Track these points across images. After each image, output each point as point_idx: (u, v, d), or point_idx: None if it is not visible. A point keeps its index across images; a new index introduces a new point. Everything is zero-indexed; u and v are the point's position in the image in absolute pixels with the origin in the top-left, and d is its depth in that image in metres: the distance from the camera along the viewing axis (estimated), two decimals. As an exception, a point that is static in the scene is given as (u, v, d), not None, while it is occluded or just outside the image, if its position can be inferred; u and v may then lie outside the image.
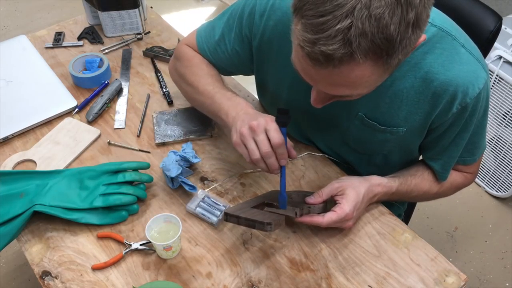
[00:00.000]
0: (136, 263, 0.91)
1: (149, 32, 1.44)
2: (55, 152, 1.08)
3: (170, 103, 1.22)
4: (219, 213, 0.96)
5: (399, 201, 1.19)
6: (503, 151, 1.91)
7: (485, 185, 2.09)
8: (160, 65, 1.33)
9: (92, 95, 1.23)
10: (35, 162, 1.07)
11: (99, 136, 1.14)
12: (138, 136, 1.14)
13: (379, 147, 0.99)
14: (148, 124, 1.17)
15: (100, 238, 0.94)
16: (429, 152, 0.99)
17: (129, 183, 0.99)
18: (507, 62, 1.75)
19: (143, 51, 1.36)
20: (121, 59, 1.35)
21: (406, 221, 1.35)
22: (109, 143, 1.12)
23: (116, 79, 1.26)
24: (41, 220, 0.96)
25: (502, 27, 1.19)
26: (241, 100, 0.95)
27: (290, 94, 1.00)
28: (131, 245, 0.92)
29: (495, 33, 1.02)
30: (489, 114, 1.88)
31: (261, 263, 0.91)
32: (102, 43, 1.41)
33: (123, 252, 0.91)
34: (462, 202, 2.06)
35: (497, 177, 2.01)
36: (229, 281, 0.88)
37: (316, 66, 0.66)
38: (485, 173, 2.06)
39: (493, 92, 1.82)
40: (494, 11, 1.03)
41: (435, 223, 2.00)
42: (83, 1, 1.42)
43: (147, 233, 0.89)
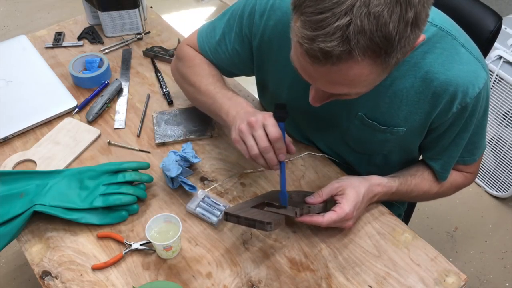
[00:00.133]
0: (136, 263, 0.91)
1: (149, 32, 1.44)
2: (55, 152, 1.08)
3: (170, 103, 1.22)
4: (219, 213, 0.96)
5: (399, 201, 1.19)
6: (503, 151, 1.91)
7: (485, 185, 2.09)
8: (160, 65, 1.33)
9: (92, 95, 1.23)
10: (35, 162, 1.07)
11: (99, 136, 1.14)
12: (138, 136, 1.14)
13: (379, 147, 0.99)
14: (148, 124, 1.17)
15: (100, 238, 0.94)
16: (429, 152, 0.99)
17: (129, 183, 0.99)
18: (507, 62, 1.75)
19: (143, 51, 1.36)
20: (121, 59, 1.35)
21: (406, 221, 1.35)
22: (109, 143, 1.12)
23: (116, 79, 1.26)
24: (41, 220, 0.96)
25: (502, 27, 1.19)
26: (242, 100, 0.96)
27: (290, 93, 1.01)
28: (131, 245, 0.92)
29: (495, 33, 1.02)
30: (489, 114, 1.88)
31: (261, 263, 0.91)
32: (102, 43, 1.41)
33: (123, 252, 0.91)
34: (462, 202, 2.06)
35: (497, 177, 2.01)
36: (229, 281, 0.88)
37: (314, 64, 0.66)
38: (485, 173, 2.06)
39: (493, 92, 1.82)
40: (494, 11, 1.03)
41: (435, 223, 2.00)
42: (83, 1, 1.42)
43: (147, 233, 0.89)
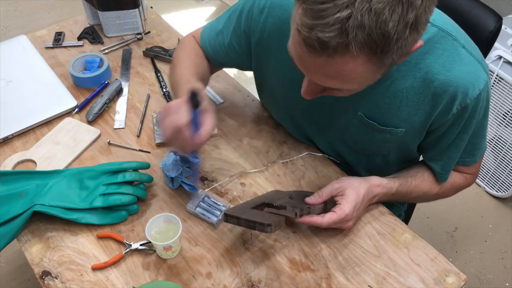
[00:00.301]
0: (136, 263, 0.91)
1: (149, 32, 1.45)
2: (55, 152, 1.08)
3: (170, 103, 1.22)
4: (219, 213, 0.96)
5: (399, 201, 1.19)
6: (503, 151, 1.91)
7: (485, 185, 2.09)
8: (160, 65, 1.33)
9: (92, 95, 1.23)
10: (35, 162, 1.07)
11: (99, 136, 1.14)
12: (138, 136, 1.14)
13: (378, 147, 0.99)
14: (148, 124, 1.17)
15: (100, 238, 0.94)
16: (429, 153, 0.99)
17: (129, 183, 0.99)
18: (507, 62, 1.75)
19: (143, 51, 1.36)
20: (121, 59, 1.36)
21: (406, 221, 1.35)
22: (109, 143, 1.12)
23: (116, 79, 1.26)
24: (41, 220, 0.96)
25: (502, 27, 1.19)
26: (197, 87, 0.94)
27: (289, 91, 1.01)
28: (131, 245, 0.92)
29: (495, 33, 1.02)
30: (489, 114, 1.89)
31: (261, 263, 0.91)
32: (102, 43, 1.41)
33: (123, 252, 0.91)
34: (462, 202, 2.06)
35: (497, 177, 2.01)
36: (229, 281, 0.88)
37: (310, 53, 0.66)
38: (485, 173, 2.06)
39: (493, 92, 1.82)
40: (494, 11, 1.03)
41: (435, 223, 2.00)
42: (83, 1, 1.42)
43: (147, 233, 0.89)
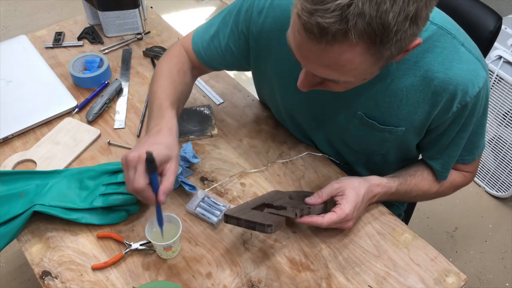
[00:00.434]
0: (136, 263, 0.91)
1: (149, 32, 1.45)
2: (55, 152, 1.08)
3: (170, 103, 1.22)
4: (219, 213, 0.96)
5: (399, 201, 1.19)
6: (503, 151, 1.91)
7: (485, 185, 2.09)
8: (160, 65, 1.33)
9: (92, 95, 1.23)
10: (35, 162, 1.07)
11: (99, 136, 1.14)
12: (138, 136, 1.14)
13: (377, 146, 0.99)
14: (148, 124, 1.17)
15: (100, 238, 0.94)
16: (428, 152, 0.99)
17: (129, 183, 0.99)
18: (507, 62, 1.75)
19: (143, 51, 1.36)
20: (121, 59, 1.36)
21: (406, 221, 1.35)
22: (109, 143, 1.12)
23: (116, 79, 1.26)
24: (41, 220, 0.96)
25: (502, 27, 1.19)
26: (164, 122, 0.91)
27: (288, 91, 1.00)
28: (131, 245, 0.92)
29: (495, 33, 1.02)
30: (489, 114, 1.89)
31: (261, 263, 0.91)
32: (102, 43, 1.41)
33: (123, 252, 0.91)
34: (462, 202, 2.06)
35: (497, 177, 2.01)
36: (229, 281, 0.88)
37: (309, 40, 0.66)
38: (485, 173, 2.06)
39: (493, 92, 1.82)
40: (494, 11, 1.03)
41: (435, 223, 2.00)
42: (83, 1, 1.42)
43: (147, 233, 0.89)
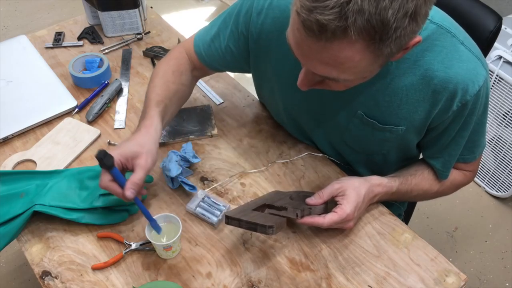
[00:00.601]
0: (136, 263, 0.91)
1: (149, 32, 1.44)
2: (55, 152, 1.08)
3: (170, 103, 1.21)
4: (219, 213, 0.96)
5: (400, 201, 1.19)
6: (503, 151, 1.91)
7: (485, 185, 2.09)
8: (160, 65, 1.33)
9: (92, 95, 1.23)
10: (35, 162, 1.07)
11: (99, 136, 1.14)
12: (138, 136, 1.14)
13: (378, 146, 0.99)
14: (148, 124, 1.17)
15: (100, 238, 0.94)
16: (429, 151, 0.99)
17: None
18: (507, 62, 1.75)
19: (143, 51, 1.36)
20: (121, 59, 1.36)
21: (406, 221, 1.35)
22: (109, 143, 1.12)
23: (116, 79, 1.26)
24: (41, 220, 0.96)
25: (502, 27, 1.19)
26: (144, 121, 0.94)
27: (288, 91, 1.01)
28: (131, 245, 0.92)
29: (495, 33, 1.02)
30: (489, 114, 1.89)
31: (261, 263, 0.91)
32: (102, 43, 1.41)
33: (123, 252, 0.91)
34: (462, 202, 2.06)
35: (497, 177, 2.01)
36: (229, 281, 0.88)
37: (309, 37, 0.66)
38: (485, 173, 2.06)
39: (493, 92, 1.82)
40: (494, 11, 1.03)
41: (435, 223, 2.00)
42: (83, 1, 1.42)
43: (147, 233, 0.89)
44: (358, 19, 0.61)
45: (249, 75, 1.11)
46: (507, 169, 1.93)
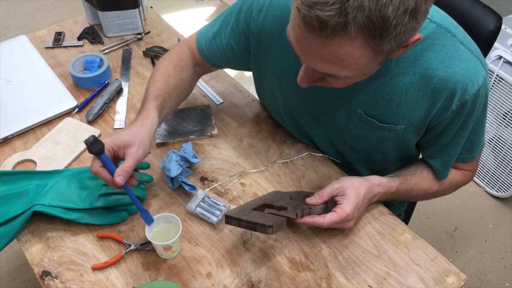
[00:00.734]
0: (136, 263, 0.91)
1: (149, 32, 1.45)
2: (55, 152, 1.08)
3: (170, 103, 1.21)
4: (219, 213, 0.96)
5: (399, 200, 1.19)
6: (503, 151, 1.91)
7: (485, 185, 2.09)
8: (160, 65, 1.33)
9: (92, 95, 1.23)
10: (35, 162, 1.07)
11: (99, 136, 1.14)
12: (138, 136, 1.14)
13: (377, 145, 0.99)
14: (148, 124, 1.17)
15: (100, 238, 0.94)
16: (428, 150, 0.99)
17: (129, 183, 0.99)
18: (507, 62, 1.75)
19: (143, 51, 1.36)
20: (121, 59, 1.36)
21: (406, 221, 1.35)
22: (109, 143, 1.12)
23: (116, 79, 1.26)
24: (41, 220, 0.96)
25: (502, 27, 1.19)
26: (140, 114, 0.94)
27: (288, 89, 1.01)
28: (131, 245, 0.92)
29: (495, 33, 1.02)
30: (489, 114, 1.89)
31: (261, 263, 0.91)
32: (102, 43, 1.41)
33: (123, 252, 0.91)
34: (462, 202, 2.06)
35: (497, 177, 2.01)
36: (229, 281, 0.88)
37: (309, 34, 0.66)
38: (485, 173, 2.06)
39: (493, 92, 1.82)
40: (494, 11, 1.03)
41: (435, 223, 2.00)
42: (83, 1, 1.42)
43: (147, 233, 0.89)
44: (358, 15, 0.62)
45: (249, 74, 1.11)
46: (507, 169, 1.93)
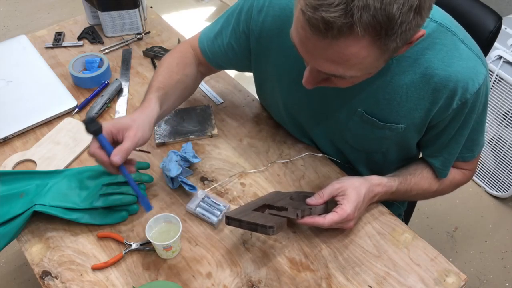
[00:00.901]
0: (136, 263, 0.91)
1: (149, 32, 1.45)
2: (55, 152, 1.08)
3: (170, 103, 1.21)
4: (219, 213, 0.96)
5: (399, 200, 1.19)
6: (503, 151, 1.91)
7: (485, 185, 2.09)
8: (160, 65, 1.33)
9: (92, 95, 1.23)
10: (35, 162, 1.07)
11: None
12: (138, 136, 1.14)
13: (377, 144, 0.99)
14: (148, 124, 1.17)
15: (100, 238, 0.94)
16: (428, 149, 0.99)
17: (129, 183, 0.99)
18: (507, 62, 1.75)
19: (143, 51, 1.36)
20: (121, 59, 1.36)
21: (406, 221, 1.35)
22: (109, 143, 1.12)
23: (116, 79, 1.26)
24: (41, 220, 0.96)
25: (502, 27, 1.19)
26: (142, 104, 0.95)
27: (289, 90, 1.01)
28: (131, 245, 0.92)
29: (495, 33, 1.02)
30: (489, 114, 1.89)
31: (261, 263, 0.91)
32: (102, 43, 1.41)
33: (123, 252, 0.91)
34: (462, 202, 2.06)
35: (497, 177, 2.01)
36: (229, 281, 0.88)
37: (314, 35, 0.66)
38: (485, 173, 2.06)
39: (493, 92, 1.82)
40: (494, 11, 1.03)
41: (435, 223, 2.00)
42: (83, 1, 1.42)
43: (147, 233, 0.89)
44: (363, 15, 0.62)
45: (249, 74, 1.11)
46: (507, 169, 1.93)
